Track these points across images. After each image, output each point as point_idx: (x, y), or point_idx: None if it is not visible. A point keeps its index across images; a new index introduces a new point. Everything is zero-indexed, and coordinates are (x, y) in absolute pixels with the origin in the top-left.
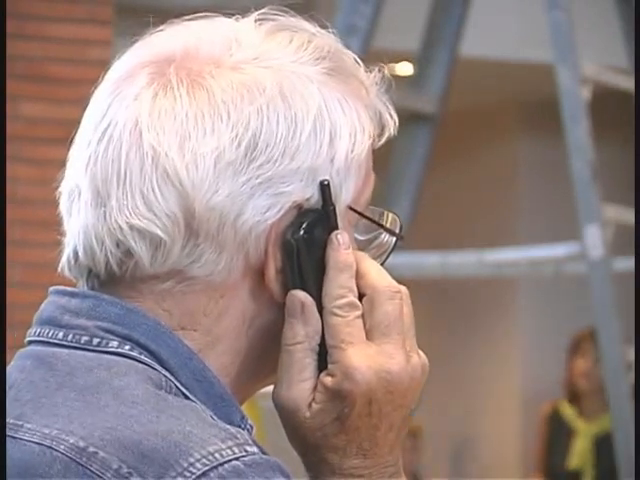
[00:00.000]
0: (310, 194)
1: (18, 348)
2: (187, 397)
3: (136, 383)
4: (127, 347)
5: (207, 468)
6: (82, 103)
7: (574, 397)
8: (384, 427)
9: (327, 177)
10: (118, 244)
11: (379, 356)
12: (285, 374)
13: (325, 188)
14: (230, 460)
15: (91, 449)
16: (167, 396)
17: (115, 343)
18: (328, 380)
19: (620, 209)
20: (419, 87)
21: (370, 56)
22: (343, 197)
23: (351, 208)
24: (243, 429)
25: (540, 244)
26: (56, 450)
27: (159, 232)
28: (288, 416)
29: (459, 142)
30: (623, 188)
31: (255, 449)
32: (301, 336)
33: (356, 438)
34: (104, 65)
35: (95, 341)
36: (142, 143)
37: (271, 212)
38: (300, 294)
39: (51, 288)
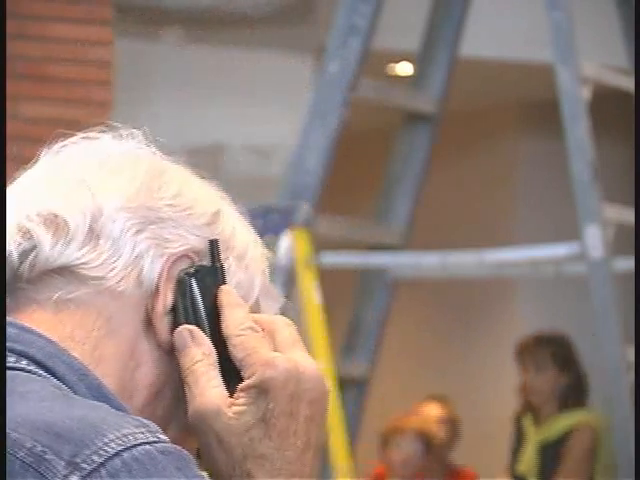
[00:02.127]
0: (204, 250)
1: None
2: None
3: (41, 387)
4: (24, 362)
5: (121, 448)
6: (82, 103)
7: (528, 406)
8: (303, 439)
9: (225, 255)
10: (24, 234)
11: (291, 357)
12: (194, 389)
13: (214, 245)
14: (143, 443)
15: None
16: (75, 396)
17: (12, 359)
18: (248, 381)
19: (620, 209)
20: (419, 87)
21: (370, 56)
22: (236, 285)
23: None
24: None
25: (540, 244)
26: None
27: (66, 218)
28: (211, 422)
29: (459, 142)
30: (623, 188)
31: (167, 439)
32: (199, 355)
33: (282, 445)
34: (104, 65)
35: None
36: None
37: (170, 245)
38: (186, 326)
39: None
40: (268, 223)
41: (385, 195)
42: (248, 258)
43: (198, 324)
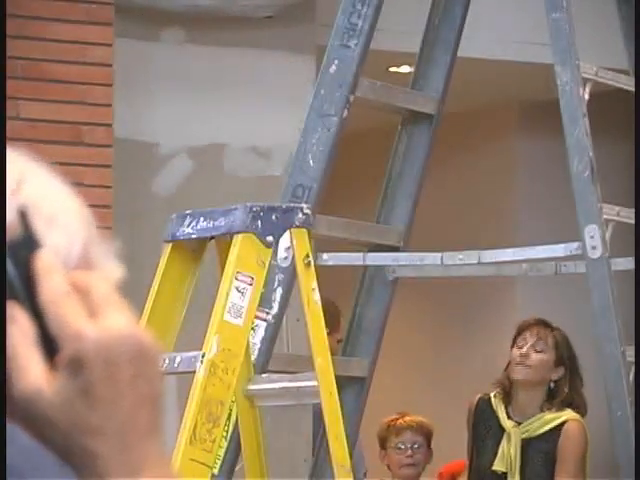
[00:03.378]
0: (11, 219)
1: None
2: None
3: None
4: None
5: None
6: (82, 103)
7: (506, 397)
8: (131, 398)
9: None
10: None
11: (101, 320)
12: (11, 371)
13: (24, 215)
14: None
15: None
16: None
17: None
18: (59, 356)
19: (620, 209)
20: (419, 87)
21: (370, 56)
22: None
23: None
24: None
25: (540, 244)
26: None
27: None
28: (35, 405)
29: (459, 142)
30: (623, 188)
31: None
32: (16, 336)
33: (111, 411)
34: (104, 65)
35: None
36: None
37: None
38: (5, 304)
39: None
40: (268, 223)
41: (385, 195)
42: (62, 218)
43: (16, 300)
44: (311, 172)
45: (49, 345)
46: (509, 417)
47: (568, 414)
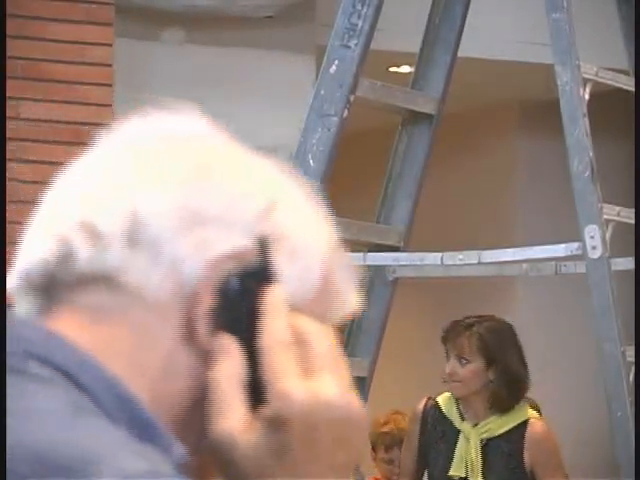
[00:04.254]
0: (250, 249)
1: None
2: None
3: (51, 401)
4: (47, 370)
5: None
6: (82, 103)
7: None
8: (324, 463)
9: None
10: (62, 241)
11: (315, 383)
12: (215, 409)
13: (262, 243)
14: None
15: None
16: (87, 415)
17: (35, 364)
18: (262, 411)
19: (620, 209)
20: (419, 87)
21: (370, 56)
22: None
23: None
24: (169, 455)
25: (540, 244)
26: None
27: (100, 227)
28: (226, 448)
29: (459, 142)
30: (623, 188)
31: (169, 471)
32: (226, 371)
33: (300, 472)
34: (104, 65)
35: (19, 364)
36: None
37: (211, 248)
38: (223, 334)
39: None
40: None
41: (385, 195)
42: (306, 249)
43: (235, 332)
44: (311, 172)
45: (255, 390)
46: (463, 419)
47: (528, 412)
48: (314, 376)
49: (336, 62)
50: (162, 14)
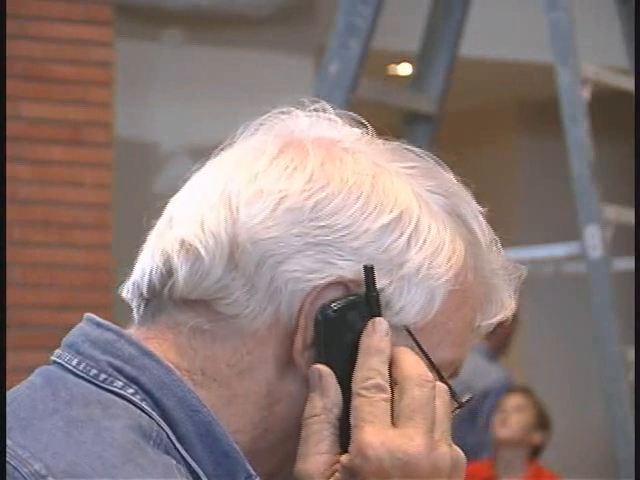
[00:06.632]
0: (358, 277)
1: (18, 348)
2: (178, 451)
3: (122, 428)
4: (130, 390)
5: None
6: (82, 103)
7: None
8: None
9: (388, 278)
10: (165, 259)
11: (398, 437)
12: (302, 447)
13: (369, 272)
14: None
15: (50, 479)
16: (146, 446)
17: (120, 383)
18: (344, 457)
19: (620, 209)
20: (419, 87)
21: (370, 56)
22: (402, 309)
23: (407, 329)
24: None
25: (540, 244)
26: (19, 472)
27: (201, 249)
28: None
29: (459, 142)
30: (623, 188)
31: None
32: (318, 408)
33: None
34: (104, 65)
35: (102, 377)
36: (222, 171)
37: (314, 276)
38: (320, 366)
39: (85, 314)
40: None
41: None
42: (427, 273)
43: (332, 366)
44: None
45: (342, 431)
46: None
47: None
48: (401, 427)
49: (336, 62)
50: (162, 14)
